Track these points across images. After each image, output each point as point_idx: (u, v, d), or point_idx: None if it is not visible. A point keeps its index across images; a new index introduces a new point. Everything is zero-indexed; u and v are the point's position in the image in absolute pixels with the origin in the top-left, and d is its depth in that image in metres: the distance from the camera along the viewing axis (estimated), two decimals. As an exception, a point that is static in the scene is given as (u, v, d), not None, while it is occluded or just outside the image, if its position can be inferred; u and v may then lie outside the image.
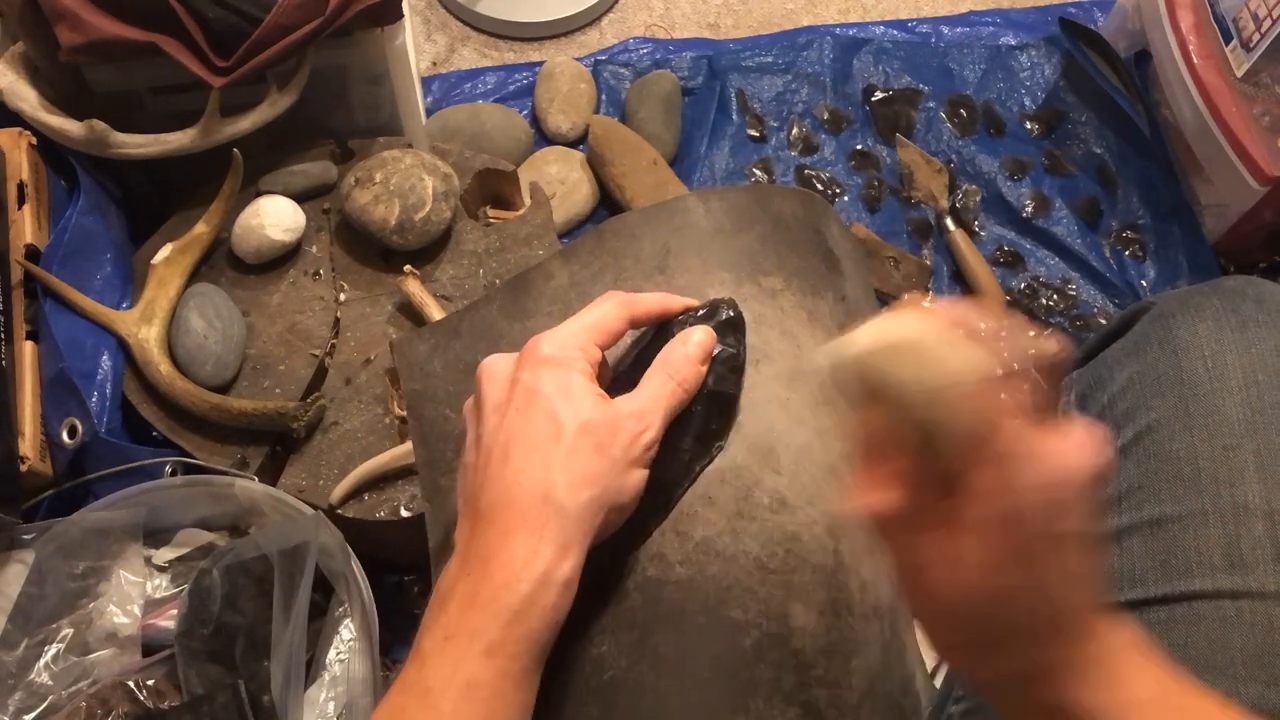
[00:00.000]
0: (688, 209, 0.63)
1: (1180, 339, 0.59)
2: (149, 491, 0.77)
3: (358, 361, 0.86)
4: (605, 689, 0.51)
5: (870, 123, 1.27)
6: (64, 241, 0.82)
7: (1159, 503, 0.55)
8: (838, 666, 0.52)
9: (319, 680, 0.73)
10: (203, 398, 0.81)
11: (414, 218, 0.87)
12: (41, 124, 0.83)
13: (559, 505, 0.45)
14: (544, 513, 0.45)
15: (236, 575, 0.72)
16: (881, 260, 1.16)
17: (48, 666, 0.72)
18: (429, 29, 1.33)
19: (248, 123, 0.86)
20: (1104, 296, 1.17)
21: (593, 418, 0.46)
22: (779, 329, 0.58)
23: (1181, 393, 0.57)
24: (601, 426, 0.46)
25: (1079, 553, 0.36)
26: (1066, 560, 0.36)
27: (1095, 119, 1.26)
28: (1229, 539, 0.52)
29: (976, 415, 0.32)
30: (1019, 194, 1.21)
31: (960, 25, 1.36)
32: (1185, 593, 0.52)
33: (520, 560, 0.44)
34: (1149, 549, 0.55)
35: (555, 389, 0.47)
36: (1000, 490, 0.34)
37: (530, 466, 0.46)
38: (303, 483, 0.81)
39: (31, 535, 0.73)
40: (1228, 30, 1.10)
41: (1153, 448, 0.57)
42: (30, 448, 0.76)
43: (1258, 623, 0.50)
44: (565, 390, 0.47)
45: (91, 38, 0.79)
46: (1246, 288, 0.61)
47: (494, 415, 0.48)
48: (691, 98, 1.27)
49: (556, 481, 0.45)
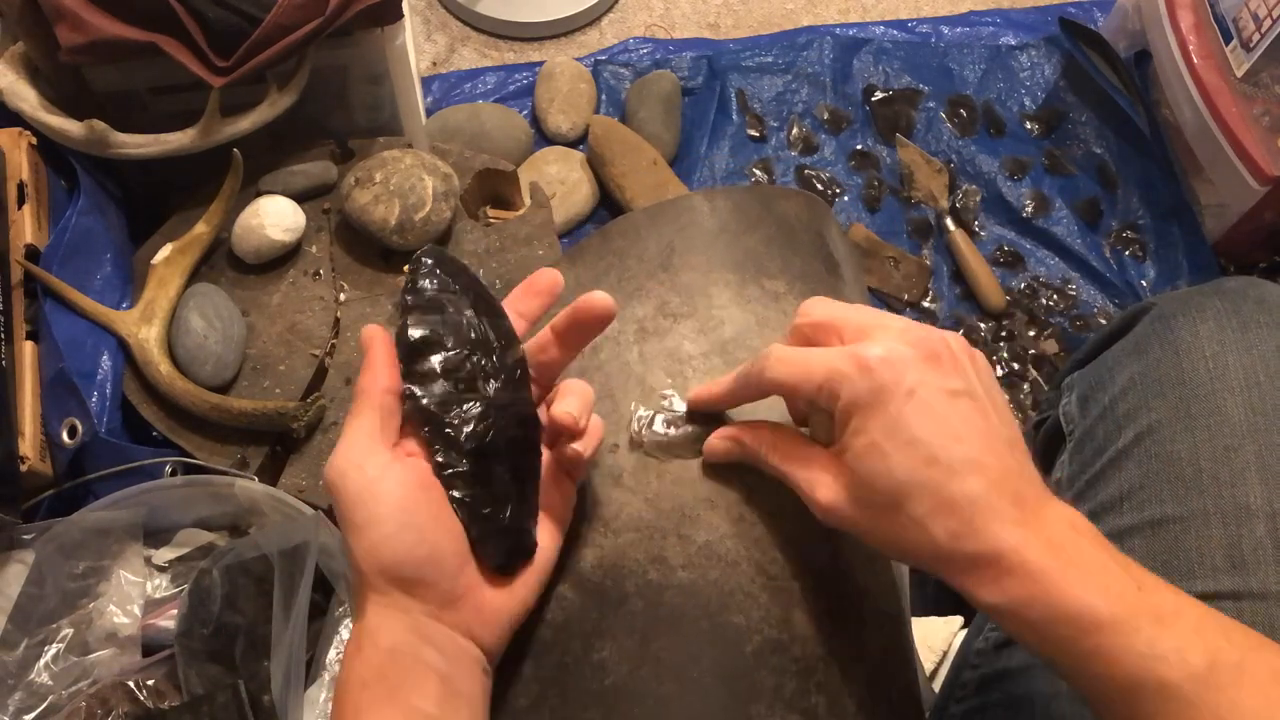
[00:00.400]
0: (693, 208, 0.63)
1: (1181, 340, 0.59)
2: (149, 491, 0.77)
3: (358, 361, 0.86)
4: (606, 694, 0.50)
5: (870, 123, 1.27)
6: (64, 241, 0.82)
7: (1160, 503, 0.55)
8: (838, 673, 0.52)
9: (319, 680, 0.73)
10: (203, 398, 0.81)
11: (414, 218, 0.87)
12: (41, 124, 0.83)
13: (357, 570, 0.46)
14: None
15: (236, 575, 0.72)
16: (881, 260, 1.16)
17: (48, 666, 0.72)
18: (429, 29, 1.33)
19: (248, 123, 0.86)
20: (1104, 296, 1.17)
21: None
22: (781, 332, 0.58)
23: (1183, 393, 0.57)
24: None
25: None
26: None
27: (1095, 119, 1.26)
28: (1231, 540, 0.52)
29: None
30: (1019, 194, 1.21)
31: (960, 25, 1.36)
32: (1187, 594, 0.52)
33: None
34: (1150, 550, 0.55)
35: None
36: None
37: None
38: (303, 483, 0.81)
39: (31, 535, 0.73)
40: (1228, 30, 1.10)
41: (1154, 448, 0.57)
42: (30, 448, 0.76)
43: (1259, 624, 0.50)
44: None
45: (91, 38, 0.79)
46: (1248, 289, 0.61)
47: None
48: (691, 98, 1.27)
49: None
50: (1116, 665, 0.39)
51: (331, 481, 0.45)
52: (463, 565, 0.47)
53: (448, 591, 0.46)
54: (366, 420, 0.47)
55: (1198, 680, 0.38)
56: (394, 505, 0.45)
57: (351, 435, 0.46)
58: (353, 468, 0.45)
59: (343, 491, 0.45)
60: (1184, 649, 0.39)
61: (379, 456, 0.46)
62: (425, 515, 0.46)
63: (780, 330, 0.59)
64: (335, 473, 0.45)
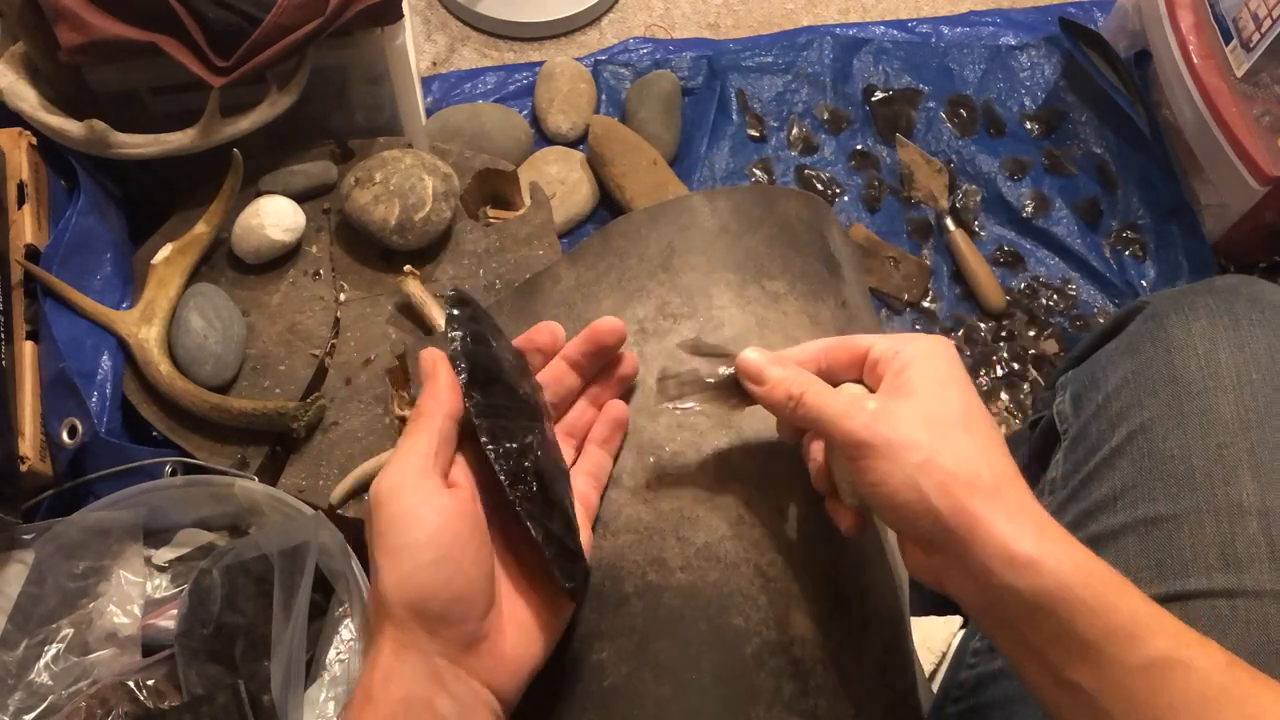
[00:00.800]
0: (693, 208, 0.63)
1: (1174, 338, 0.59)
2: (149, 491, 0.77)
3: (358, 361, 0.86)
4: (605, 695, 0.51)
5: (870, 123, 1.27)
6: (64, 241, 0.82)
7: (1153, 502, 0.55)
8: (837, 675, 0.52)
9: (319, 680, 0.73)
10: (203, 398, 0.81)
11: (414, 218, 0.87)
12: (41, 124, 0.84)
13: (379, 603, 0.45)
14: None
15: (236, 575, 0.72)
16: (881, 260, 1.16)
17: (48, 666, 0.72)
18: (429, 29, 1.33)
19: (248, 123, 0.86)
20: (1104, 296, 1.17)
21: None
22: (782, 333, 0.58)
23: (1175, 392, 0.57)
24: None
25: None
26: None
27: (1095, 119, 1.26)
28: (1224, 538, 0.52)
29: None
30: (1019, 194, 1.21)
31: (960, 25, 1.36)
32: (1180, 592, 0.52)
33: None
34: (1144, 548, 0.55)
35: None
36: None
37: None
38: (303, 483, 0.81)
39: (31, 535, 0.73)
40: (1228, 30, 1.10)
41: (1147, 447, 0.57)
42: (30, 448, 0.76)
43: (1253, 621, 0.50)
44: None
45: (92, 38, 0.79)
46: (1240, 286, 0.61)
47: None
48: (691, 98, 1.27)
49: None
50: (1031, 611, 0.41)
51: (378, 498, 0.44)
52: (489, 607, 0.46)
53: (472, 634, 0.45)
54: (423, 442, 0.45)
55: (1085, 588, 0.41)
56: (435, 534, 0.44)
57: (406, 455, 0.45)
58: (404, 488, 0.44)
59: (386, 511, 0.44)
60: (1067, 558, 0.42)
61: (430, 481, 0.45)
62: (465, 550, 0.44)
63: (780, 331, 0.59)
64: (385, 490, 0.44)
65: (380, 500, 0.44)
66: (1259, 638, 0.50)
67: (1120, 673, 0.40)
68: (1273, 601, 0.50)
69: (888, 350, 0.47)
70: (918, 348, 0.46)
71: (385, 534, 0.44)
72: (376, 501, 0.44)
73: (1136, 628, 0.40)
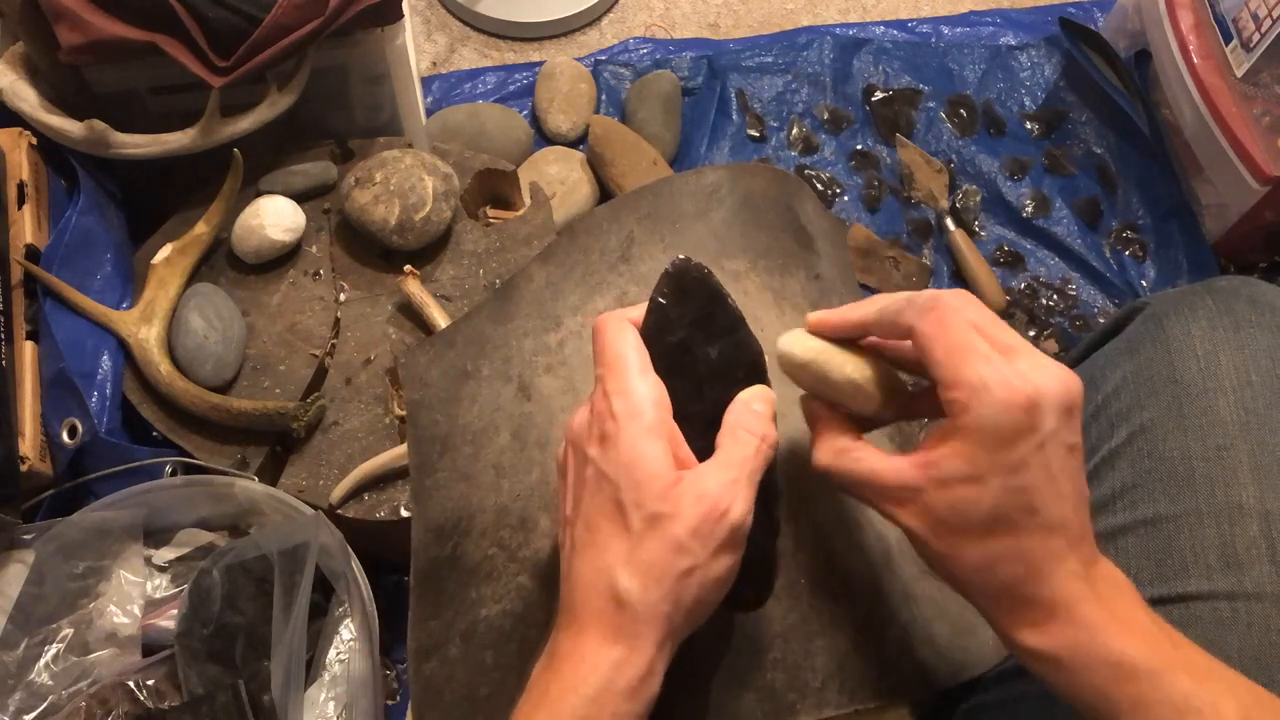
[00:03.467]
0: (656, 194, 0.64)
1: (1174, 339, 0.59)
2: (149, 491, 0.77)
3: (358, 361, 0.86)
4: None
5: (870, 123, 1.27)
6: (64, 241, 0.82)
7: (1153, 503, 0.55)
8: (797, 649, 0.52)
9: (319, 680, 0.73)
10: (203, 398, 0.81)
11: (414, 218, 0.87)
12: (41, 124, 0.84)
13: (629, 605, 0.43)
14: (615, 613, 0.43)
15: (236, 575, 0.72)
16: (881, 260, 1.16)
17: (48, 666, 0.72)
18: (429, 29, 1.33)
19: (248, 123, 0.86)
20: (1104, 296, 1.17)
21: (662, 510, 0.43)
22: (743, 312, 0.59)
23: (1175, 393, 0.57)
24: (674, 519, 0.43)
25: (1053, 464, 0.41)
26: (1040, 470, 0.41)
27: (1095, 119, 1.26)
28: (1224, 539, 0.52)
29: (853, 398, 0.48)
30: (1019, 194, 1.21)
31: (960, 25, 1.36)
32: (1181, 594, 0.52)
33: (588, 664, 0.43)
34: (1144, 549, 0.55)
35: (624, 472, 0.44)
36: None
37: (601, 563, 0.44)
38: (303, 483, 0.81)
39: (31, 535, 0.73)
40: (1228, 30, 1.10)
41: (1147, 448, 0.57)
42: (30, 448, 0.76)
43: (1254, 624, 0.50)
44: (632, 472, 0.44)
45: (91, 38, 0.79)
46: (1240, 288, 0.61)
47: (570, 500, 0.47)
48: (691, 98, 1.27)
49: (627, 581, 0.43)
50: (1152, 714, 0.40)
51: (715, 513, 0.43)
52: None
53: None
54: (758, 467, 0.45)
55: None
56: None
57: (746, 482, 0.44)
58: (741, 507, 0.44)
59: (727, 528, 0.43)
60: (1218, 703, 0.40)
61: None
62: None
63: (741, 310, 0.59)
64: (725, 504, 0.43)
65: (720, 517, 0.43)
66: (1260, 640, 0.50)
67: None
68: (1273, 604, 0.50)
69: (963, 400, 0.42)
70: (987, 418, 0.41)
71: (721, 553, 0.43)
72: (713, 516, 0.43)
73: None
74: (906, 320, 0.44)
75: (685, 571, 0.43)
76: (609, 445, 0.44)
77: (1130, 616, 0.42)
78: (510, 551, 0.56)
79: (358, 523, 0.80)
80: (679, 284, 0.48)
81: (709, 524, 0.43)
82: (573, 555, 0.45)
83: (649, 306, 0.48)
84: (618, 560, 0.43)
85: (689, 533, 0.43)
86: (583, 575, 0.44)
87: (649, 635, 0.43)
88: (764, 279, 0.61)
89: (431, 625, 0.56)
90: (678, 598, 0.43)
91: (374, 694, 0.71)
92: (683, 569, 0.43)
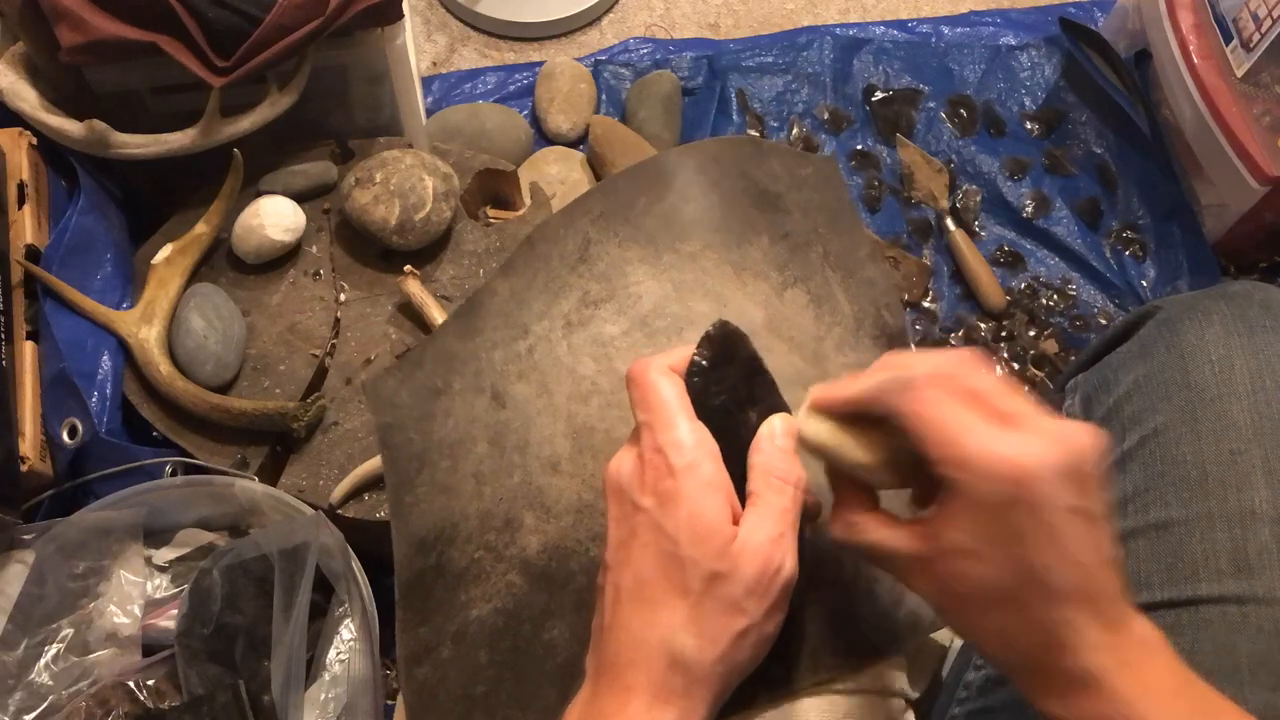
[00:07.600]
0: (605, 193, 0.65)
1: (1187, 343, 0.59)
2: (149, 491, 0.77)
3: (358, 361, 0.86)
4: (559, 672, 0.52)
5: (870, 123, 1.27)
6: (64, 241, 0.82)
7: (1165, 506, 0.55)
8: (790, 616, 0.52)
9: (319, 680, 0.73)
10: (203, 398, 0.81)
11: (414, 218, 0.87)
12: (41, 124, 0.83)
13: (685, 667, 0.41)
14: (668, 674, 0.41)
15: (236, 575, 0.72)
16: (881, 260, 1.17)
17: (48, 666, 0.72)
18: (429, 29, 1.33)
19: (248, 123, 0.86)
20: (1104, 296, 1.17)
21: (720, 569, 0.42)
22: (701, 290, 0.60)
23: (1188, 397, 0.57)
24: (731, 579, 0.42)
25: (1077, 530, 0.39)
26: (1066, 536, 0.39)
27: (1095, 119, 1.26)
28: (1236, 544, 0.52)
29: (867, 479, 0.46)
30: (1019, 194, 1.21)
31: (960, 25, 1.36)
32: (1192, 597, 0.52)
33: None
34: (1155, 553, 0.55)
35: (684, 527, 0.42)
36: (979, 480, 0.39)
37: (655, 620, 0.42)
38: (303, 483, 0.81)
39: (31, 535, 0.73)
40: (1228, 30, 1.10)
41: (1159, 451, 0.57)
42: (30, 448, 0.76)
43: (1265, 628, 0.50)
44: (694, 528, 0.42)
45: (91, 38, 0.79)
46: (1254, 293, 0.61)
47: (619, 550, 0.44)
48: (691, 98, 1.27)
49: (683, 641, 0.41)
50: None
51: (770, 571, 0.42)
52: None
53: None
54: (798, 516, 0.45)
55: None
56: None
57: (791, 534, 0.44)
58: (791, 562, 0.43)
59: (780, 586, 0.43)
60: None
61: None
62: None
63: (700, 289, 0.60)
64: (778, 562, 0.43)
65: (776, 574, 0.43)
66: (1270, 645, 0.50)
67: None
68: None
69: (956, 476, 0.40)
70: (979, 494, 0.39)
71: (773, 610, 0.43)
72: (770, 573, 0.42)
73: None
74: (886, 404, 0.42)
75: (741, 632, 0.42)
76: (667, 500, 0.43)
77: (1163, 684, 0.40)
78: (497, 552, 0.56)
79: (358, 523, 0.80)
80: (720, 348, 0.47)
81: (764, 583, 0.42)
82: (616, 605, 0.44)
83: (690, 369, 0.47)
84: (675, 620, 0.42)
85: (745, 592, 0.42)
86: (631, 631, 0.43)
87: (701, 696, 0.42)
88: (721, 254, 0.62)
89: (420, 632, 0.56)
90: (733, 659, 0.42)
91: (374, 694, 0.71)
92: (739, 630, 0.42)
